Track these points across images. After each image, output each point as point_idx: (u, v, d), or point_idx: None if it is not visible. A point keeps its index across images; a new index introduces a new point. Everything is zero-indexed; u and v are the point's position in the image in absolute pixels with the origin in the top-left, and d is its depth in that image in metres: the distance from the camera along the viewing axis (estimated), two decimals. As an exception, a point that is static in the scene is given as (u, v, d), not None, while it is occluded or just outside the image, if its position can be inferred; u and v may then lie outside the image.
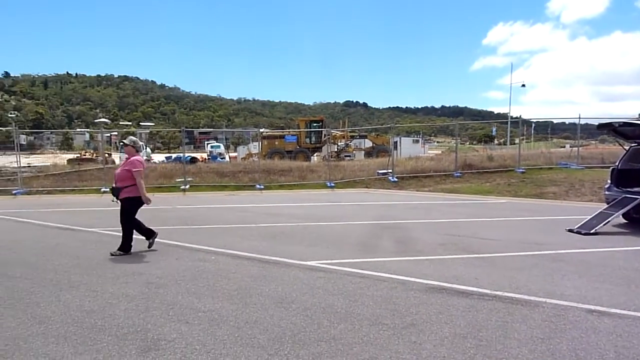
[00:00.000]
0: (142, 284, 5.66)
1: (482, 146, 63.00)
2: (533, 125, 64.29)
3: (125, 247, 7.29)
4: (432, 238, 8.46)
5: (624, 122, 9.99)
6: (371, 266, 6.41)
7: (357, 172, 20.82)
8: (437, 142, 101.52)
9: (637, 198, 9.21)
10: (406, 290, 5.34)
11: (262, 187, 18.46)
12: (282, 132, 40.67)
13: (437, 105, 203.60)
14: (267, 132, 42.69)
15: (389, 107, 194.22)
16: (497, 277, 5.88)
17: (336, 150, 35.38)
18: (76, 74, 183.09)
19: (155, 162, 29.45)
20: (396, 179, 19.03)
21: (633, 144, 10.35)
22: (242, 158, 36.45)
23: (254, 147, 35.18)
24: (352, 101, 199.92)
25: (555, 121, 72.26)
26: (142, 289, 5.49)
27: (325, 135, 32.75)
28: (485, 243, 8.02)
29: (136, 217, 7.43)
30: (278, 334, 4.14)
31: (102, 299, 5.14)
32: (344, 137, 37.34)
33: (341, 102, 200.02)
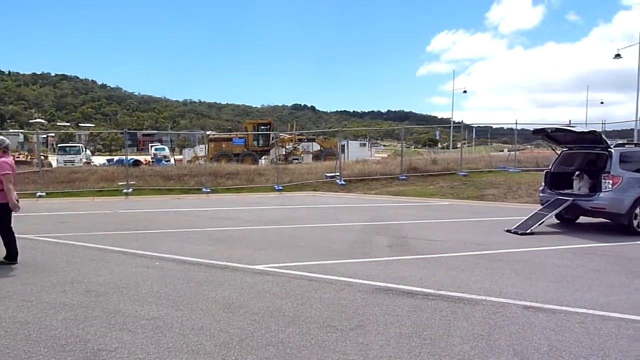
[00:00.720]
0: (81, 293, 5.41)
1: (426, 150, 64.81)
2: (474, 130, 66.85)
3: (11, 255, 6.71)
4: (379, 240, 8.61)
5: (556, 128, 10.61)
6: (319, 269, 6.43)
7: (305, 175, 20.86)
8: (384, 145, 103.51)
9: (568, 199, 9.79)
10: (354, 292, 5.40)
11: (209, 190, 18.12)
12: (230, 134, 40.16)
13: (384, 110, 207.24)
14: (214, 135, 42.01)
15: (337, 111, 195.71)
16: (441, 277, 6.06)
17: (284, 153, 35.33)
18: (9, 71, 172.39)
19: (95, 165, 28.26)
20: (344, 182, 19.22)
21: (564, 149, 10.98)
22: (187, 161, 35.67)
23: (201, 150, 34.52)
24: (300, 104, 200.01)
25: (494, 126, 75.76)
26: (81, 297, 5.24)
27: (273, 138, 32.62)
28: (430, 244, 8.26)
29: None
30: (225, 339, 4.07)
31: (37, 309, 4.86)
32: (292, 140, 37.33)
33: (289, 105, 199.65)
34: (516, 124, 21.94)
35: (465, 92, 51.57)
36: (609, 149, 9.64)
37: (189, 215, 12.02)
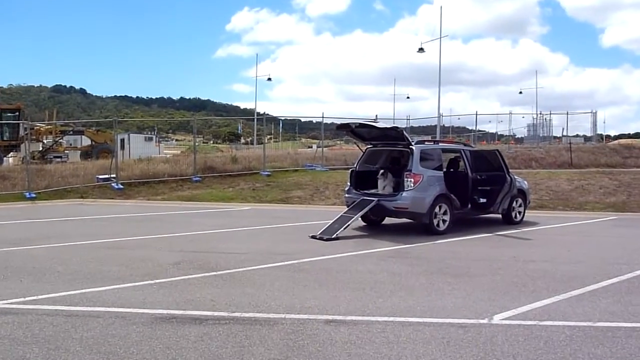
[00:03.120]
0: None
1: (227, 145, 65.69)
2: (281, 123, 69.98)
3: None
4: (164, 256, 8.40)
5: (360, 124, 11.72)
6: (82, 300, 5.98)
7: (70, 178, 19.32)
8: (176, 140, 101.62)
9: (373, 200, 10.85)
10: (127, 325, 5.12)
11: None
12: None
13: (176, 97, 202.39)
14: None
15: (116, 96, 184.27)
16: (236, 296, 6.15)
17: (41, 149, 32.20)
18: None
19: None
20: (122, 186, 18.41)
21: (369, 146, 12.17)
22: None
23: None
24: (65, 86, 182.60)
25: (302, 119, 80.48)
26: None
27: (25, 129, 29.27)
28: (227, 257, 8.36)
29: None
30: None
31: None
32: (52, 133, 34.16)
33: (50, 86, 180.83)
34: (323, 117, 23.63)
35: (270, 79, 53.61)
36: (411, 146, 10.97)
37: None
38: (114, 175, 18.93)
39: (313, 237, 10.13)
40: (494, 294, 6.41)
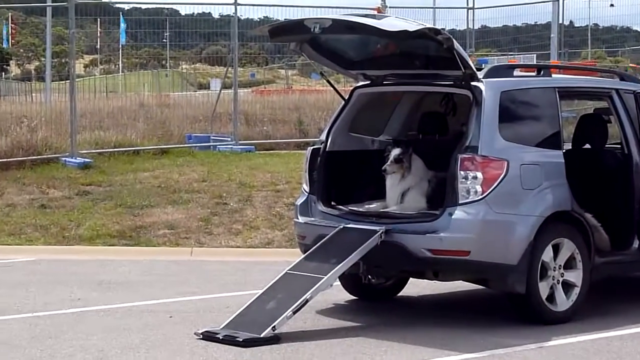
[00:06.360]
0: None
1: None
2: (123, 21, 66.75)
3: None
4: None
5: (335, 21, 10.20)
6: None
7: None
8: None
9: (375, 231, 9.53)
10: None
11: None
12: None
13: None
14: None
15: None
16: None
17: None
18: None
19: None
20: None
21: (361, 83, 11.05)
22: None
23: None
24: None
25: (182, 11, 77.49)
26: None
27: None
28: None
29: None
30: None
31: None
32: None
33: None
34: (236, 4, 23.69)
35: None
36: (474, 82, 9.66)
37: None
38: None
39: (207, 337, 8.90)
40: None
